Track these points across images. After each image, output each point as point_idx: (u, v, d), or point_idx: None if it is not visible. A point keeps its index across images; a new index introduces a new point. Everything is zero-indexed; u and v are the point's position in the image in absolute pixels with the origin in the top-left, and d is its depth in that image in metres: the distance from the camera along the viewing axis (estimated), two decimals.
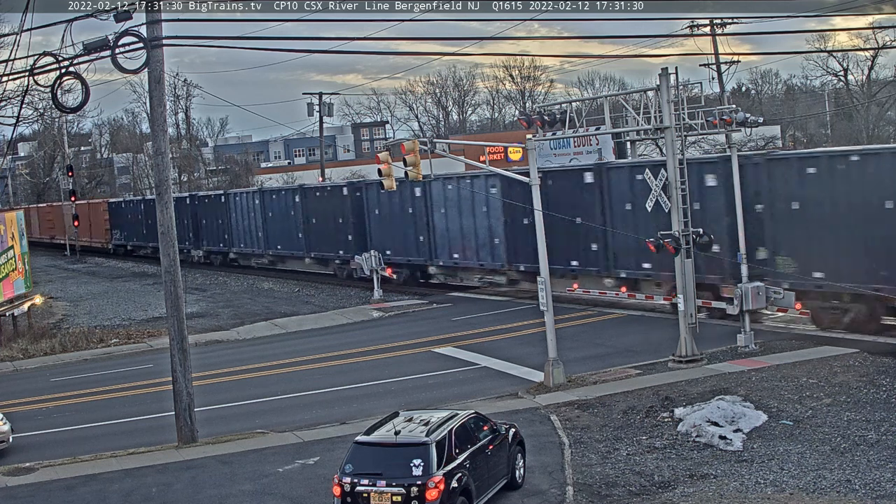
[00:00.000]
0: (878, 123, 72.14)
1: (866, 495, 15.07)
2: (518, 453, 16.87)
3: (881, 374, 21.40)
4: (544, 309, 23.77)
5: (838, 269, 25.04)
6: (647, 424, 19.61)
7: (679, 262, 24.32)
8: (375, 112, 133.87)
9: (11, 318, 37.94)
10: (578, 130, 27.00)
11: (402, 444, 14.79)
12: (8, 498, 18.25)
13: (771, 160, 27.48)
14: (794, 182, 26.35)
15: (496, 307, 36.13)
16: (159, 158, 21.57)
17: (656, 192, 24.90)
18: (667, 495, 15.83)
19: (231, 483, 18.16)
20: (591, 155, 43.36)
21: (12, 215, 40.68)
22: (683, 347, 24.19)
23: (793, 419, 18.95)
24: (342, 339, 33.14)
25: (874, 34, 70.78)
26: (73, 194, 73.71)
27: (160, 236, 21.45)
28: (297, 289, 47.13)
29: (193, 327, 33.49)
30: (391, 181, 25.23)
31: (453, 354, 28.55)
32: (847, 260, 24.94)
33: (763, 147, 53.16)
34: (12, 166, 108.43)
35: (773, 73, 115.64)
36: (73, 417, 25.09)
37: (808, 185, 25.95)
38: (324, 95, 70.97)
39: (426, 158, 24.03)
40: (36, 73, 20.11)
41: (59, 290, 53.30)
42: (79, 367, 32.13)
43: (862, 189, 24.60)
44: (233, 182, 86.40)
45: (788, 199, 26.41)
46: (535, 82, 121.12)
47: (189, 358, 21.49)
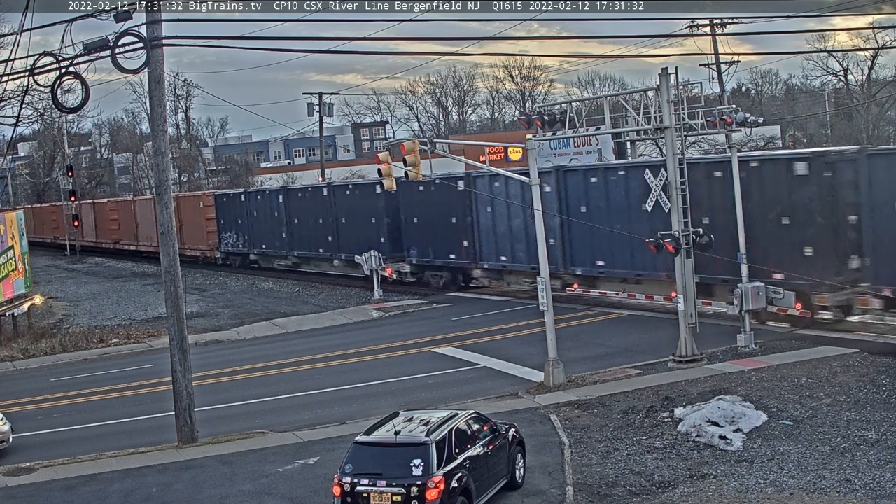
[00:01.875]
0: (878, 123, 72.10)
1: (866, 495, 15.07)
2: (518, 453, 16.86)
3: (881, 374, 21.40)
4: (544, 309, 23.76)
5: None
6: (647, 424, 19.61)
7: (679, 262, 24.33)
8: (375, 112, 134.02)
9: (11, 318, 37.94)
10: (578, 130, 27.00)
11: (402, 444, 14.79)
12: (8, 498, 18.25)
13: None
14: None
15: (496, 307, 36.13)
16: (159, 158, 21.58)
17: (656, 192, 24.93)
18: (667, 495, 15.83)
19: (231, 483, 18.17)
20: (591, 155, 43.43)
21: (12, 215, 40.67)
22: (683, 347, 24.19)
23: (793, 419, 18.95)
24: (342, 339, 33.14)
25: (874, 34, 70.80)
26: (73, 194, 73.67)
27: (160, 236, 21.46)
28: (297, 289, 47.13)
29: (193, 327, 33.49)
30: (391, 181, 25.27)
31: (453, 354, 28.55)
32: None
33: (763, 147, 53.16)
34: (12, 166, 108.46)
35: (773, 73, 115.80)
36: (73, 417, 25.09)
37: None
38: (324, 95, 71.00)
39: (426, 158, 24.05)
40: (36, 73, 20.12)
41: (59, 290, 53.31)
42: (79, 367, 32.13)
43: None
44: (233, 182, 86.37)
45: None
46: (535, 82, 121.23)
47: (189, 358, 21.49)
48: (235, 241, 55.20)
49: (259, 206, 52.76)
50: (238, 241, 54.98)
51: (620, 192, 31.57)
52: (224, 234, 56.67)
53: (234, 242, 55.30)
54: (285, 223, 50.04)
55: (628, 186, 31.16)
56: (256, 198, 53.36)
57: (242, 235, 54.41)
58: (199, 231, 58.74)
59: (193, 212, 59.38)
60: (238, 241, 54.98)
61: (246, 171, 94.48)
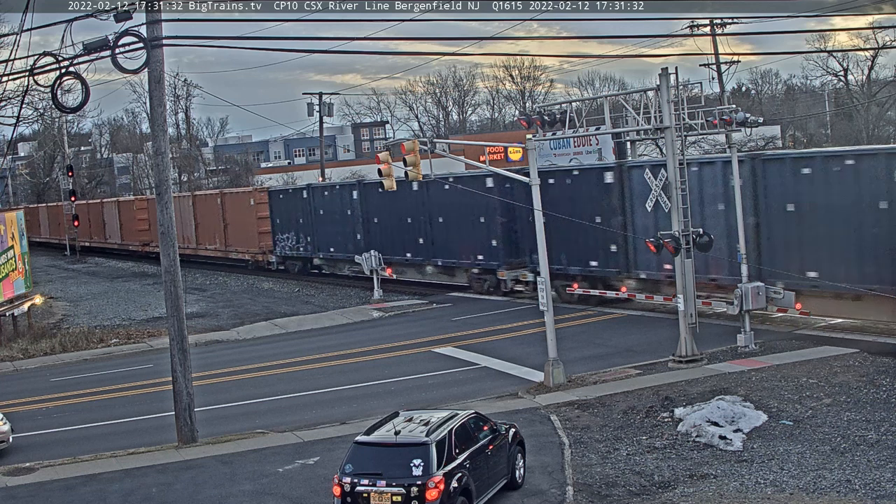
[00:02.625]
0: (878, 123, 72.18)
1: (866, 495, 15.07)
2: (518, 453, 16.86)
3: (881, 374, 21.39)
4: (544, 309, 23.76)
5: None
6: (647, 424, 19.61)
7: (679, 261, 24.34)
8: (375, 112, 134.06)
9: (11, 318, 37.96)
10: (578, 130, 27.00)
11: (402, 444, 14.78)
12: (8, 498, 18.25)
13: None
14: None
15: (496, 307, 36.11)
16: (159, 158, 21.58)
17: (656, 192, 24.92)
18: (667, 495, 15.83)
19: (231, 483, 18.17)
20: (591, 155, 43.40)
21: (12, 215, 40.71)
22: (683, 347, 24.20)
23: (793, 419, 18.95)
24: (342, 338, 33.14)
25: (874, 34, 70.90)
26: (73, 194, 73.66)
27: (160, 236, 21.46)
28: (297, 289, 47.10)
29: (193, 327, 33.50)
30: (391, 181, 25.27)
31: (453, 354, 28.55)
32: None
33: (763, 147, 53.21)
34: (12, 166, 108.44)
35: (773, 73, 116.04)
36: (73, 417, 25.09)
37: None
38: (324, 95, 70.97)
39: (426, 158, 24.08)
40: (36, 73, 20.12)
41: (59, 290, 53.34)
42: (79, 367, 32.13)
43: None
44: (233, 182, 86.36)
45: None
46: (535, 82, 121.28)
47: (189, 358, 21.49)
48: (295, 244, 49.15)
49: (326, 203, 46.85)
50: (298, 243, 48.96)
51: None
52: (281, 235, 50.57)
53: (294, 245, 49.22)
54: (361, 223, 44.09)
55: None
56: (323, 194, 47.14)
57: (304, 237, 48.46)
58: (249, 232, 52.32)
59: (242, 210, 52.83)
60: (298, 243, 48.96)
61: (246, 171, 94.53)
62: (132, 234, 67.39)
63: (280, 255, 50.96)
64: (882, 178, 24.03)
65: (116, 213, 70.81)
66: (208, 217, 57.18)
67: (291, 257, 50.24)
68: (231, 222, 53.96)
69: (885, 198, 23.88)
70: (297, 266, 50.59)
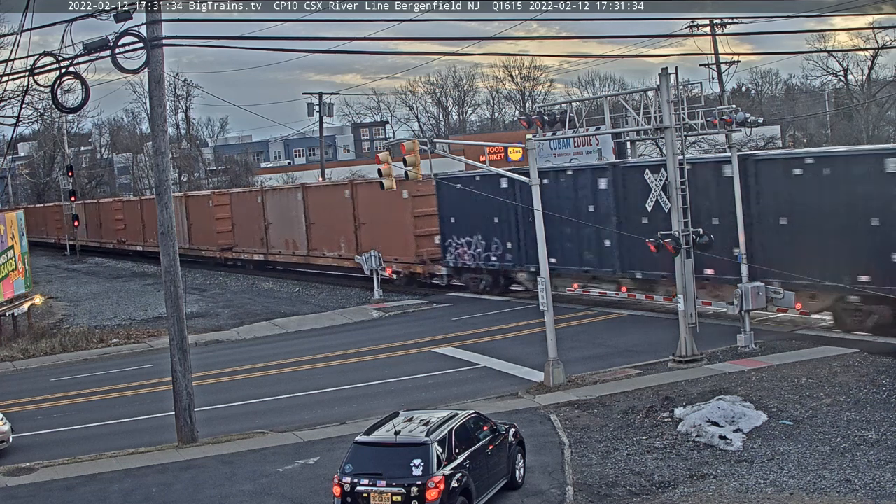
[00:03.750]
0: (878, 123, 72.23)
1: (866, 495, 15.07)
2: (518, 453, 16.86)
3: (881, 374, 21.39)
4: (544, 309, 23.76)
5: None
6: (647, 424, 19.61)
7: (679, 262, 24.33)
8: (375, 112, 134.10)
9: (11, 318, 37.96)
10: (578, 130, 26.99)
11: (402, 444, 14.78)
12: (8, 498, 18.26)
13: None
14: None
15: (496, 307, 36.09)
16: (159, 158, 21.58)
17: (656, 192, 24.92)
18: (667, 495, 15.83)
19: (231, 483, 18.17)
20: (591, 155, 43.41)
21: (12, 215, 40.71)
22: (683, 347, 24.19)
23: (793, 419, 18.95)
24: (342, 339, 33.13)
25: (874, 34, 70.90)
26: (73, 194, 73.68)
27: (160, 236, 21.46)
28: (297, 289, 47.10)
29: (193, 327, 33.49)
30: (391, 181, 25.24)
31: (453, 354, 28.54)
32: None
33: (763, 147, 53.24)
34: (12, 166, 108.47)
35: (773, 73, 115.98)
36: (73, 417, 25.09)
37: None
38: (324, 95, 71.05)
39: (426, 158, 24.07)
40: (36, 73, 20.13)
41: (59, 290, 53.32)
42: (79, 367, 32.13)
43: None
44: (233, 182, 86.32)
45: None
46: (535, 82, 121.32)
47: (189, 358, 21.49)
48: (482, 252, 37.58)
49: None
50: (485, 250, 37.39)
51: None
52: (452, 238, 38.87)
53: (480, 253, 37.64)
54: (613, 217, 31.83)
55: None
56: (550, 181, 33.07)
57: (496, 242, 36.84)
58: (400, 234, 40.79)
59: (388, 206, 40.41)
60: (485, 250, 37.39)
61: (246, 171, 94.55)
62: (209, 236, 57.00)
63: (453, 264, 39.34)
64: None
65: (183, 212, 58.39)
66: (331, 217, 45.68)
67: (474, 269, 38.35)
68: (367, 222, 43.16)
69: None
70: (485, 282, 38.35)
